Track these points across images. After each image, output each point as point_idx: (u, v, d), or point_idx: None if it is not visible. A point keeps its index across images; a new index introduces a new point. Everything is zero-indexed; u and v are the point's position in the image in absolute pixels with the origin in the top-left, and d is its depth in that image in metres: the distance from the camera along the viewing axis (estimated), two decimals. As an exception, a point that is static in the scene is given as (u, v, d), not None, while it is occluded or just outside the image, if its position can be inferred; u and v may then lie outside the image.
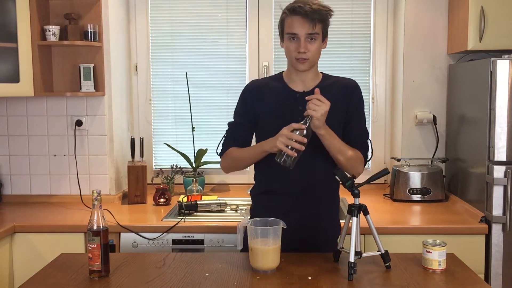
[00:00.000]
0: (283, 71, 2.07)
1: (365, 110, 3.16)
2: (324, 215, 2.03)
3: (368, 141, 2.06)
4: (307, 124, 1.78)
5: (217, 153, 2.11)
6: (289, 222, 1.80)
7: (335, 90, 1.99)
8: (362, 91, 3.17)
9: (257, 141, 2.04)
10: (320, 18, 1.87)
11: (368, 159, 2.07)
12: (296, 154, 1.77)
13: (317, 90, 1.84)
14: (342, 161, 1.93)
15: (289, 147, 1.76)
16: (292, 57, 1.92)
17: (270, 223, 1.78)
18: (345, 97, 2.00)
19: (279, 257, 1.79)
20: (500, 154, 2.39)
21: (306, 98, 1.83)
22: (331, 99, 1.90)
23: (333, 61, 3.23)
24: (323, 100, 1.80)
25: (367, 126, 3.31)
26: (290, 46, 1.91)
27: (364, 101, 3.19)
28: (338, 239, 1.89)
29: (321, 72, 2.06)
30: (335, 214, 2.10)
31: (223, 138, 2.10)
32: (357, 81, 3.19)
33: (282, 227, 1.77)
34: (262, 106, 2.01)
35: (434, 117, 3.02)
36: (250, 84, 2.08)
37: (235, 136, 2.07)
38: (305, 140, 1.77)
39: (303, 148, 1.77)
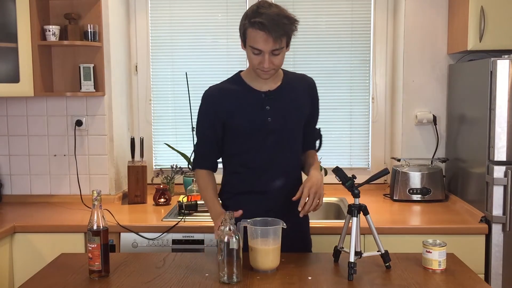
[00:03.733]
0: (240, 71, 2.03)
1: (366, 111, 3.24)
2: (293, 207, 1.99)
3: (319, 130, 2.14)
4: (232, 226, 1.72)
5: (189, 168, 2.10)
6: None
7: (298, 86, 2.02)
8: (362, 91, 3.24)
9: (230, 143, 2.01)
10: (285, 33, 1.81)
11: (317, 149, 2.14)
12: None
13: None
14: None
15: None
16: (255, 68, 1.89)
17: (270, 223, 1.78)
18: (308, 95, 2.04)
19: (279, 257, 1.79)
20: (500, 154, 2.39)
21: (299, 206, 1.84)
22: (297, 95, 1.99)
23: (333, 61, 3.24)
24: (312, 193, 1.84)
25: (367, 126, 3.35)
26: (253, 58, 1.86)
27: (364, 101, 3.25)
28: (338, 240, 1.89)
29: (281, 69, 2.04)
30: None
31: (193, 153, 2.09)
32: (357, 81, 3.24)
33: (282, 227, 1.77)
34: (226, 111, 1.96)
35: (434, 117, 3.02)
36: (209, 91, 2.01)
37: (202, 154, 2.05)
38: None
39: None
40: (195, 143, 2.10)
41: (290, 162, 2.01)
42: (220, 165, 2.11)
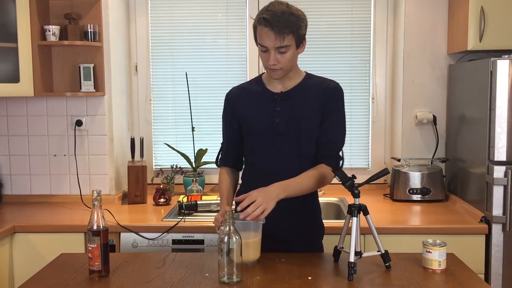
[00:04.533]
0: (263, 73, 2.05)
1: (366, 111, 3.23)
2: (306, 215, 2.02)
3: (341, 152, 2.01)
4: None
5: (216, 165, 2.16)
6: (272, 222, 1.81)
7: (314, 90, 1.96)
8: (362, 91, 3.24)
9: (245, 142, 2.04)
10: (290, 30, 1.79)
11: (339, 166, 1.99)
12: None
13: (239, 199, 1.79)
14: (311, 191, 1.94)
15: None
16: (264, 66, 1.91)
17: None
18: (323, 97, 1.95)
19: (259, 249, 1.83)
20: (500, 154, 2.39)
21: (239, 206, 1.76)
22: (309, 99, 1.94)
23: (333, 61, 3.24)
24: (259, 202, 1.74)
25: (367, 126, 3.33)
26: (262, 56, 1.88)
27: (364, 101, 3.24)
28: (338, 240, 1.89)
29: (305, 72, 2.03)
30: (317, 213, 2.08)
31: (219, 151, 2.15)
32: (357, 81, 3.24)
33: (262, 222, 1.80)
34: (243, 111, 2.00)
35: (434, 117, 3.02)
36: (230, 91, 2.08)
37: (224, 152, 2.12)
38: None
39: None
40: (221, 143, 2.16)
41: (298, 166, 1.94)
42: None
